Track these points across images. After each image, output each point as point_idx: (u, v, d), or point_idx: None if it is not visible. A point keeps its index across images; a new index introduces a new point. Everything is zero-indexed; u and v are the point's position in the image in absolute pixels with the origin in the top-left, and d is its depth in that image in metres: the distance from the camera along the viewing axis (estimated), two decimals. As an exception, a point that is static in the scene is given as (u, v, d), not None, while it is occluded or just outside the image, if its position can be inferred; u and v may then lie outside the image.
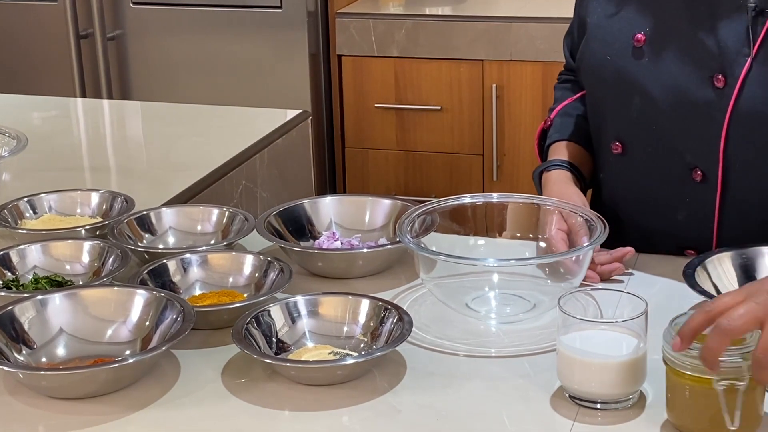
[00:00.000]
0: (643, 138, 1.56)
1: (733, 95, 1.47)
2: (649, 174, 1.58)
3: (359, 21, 3.26)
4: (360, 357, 1.27)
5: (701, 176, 1.52)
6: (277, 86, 3.29)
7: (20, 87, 3.30)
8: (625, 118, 1.57)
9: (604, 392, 1.19)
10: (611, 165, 1.63)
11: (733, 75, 1.47)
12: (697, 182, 1.53)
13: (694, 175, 1.52)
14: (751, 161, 1.49)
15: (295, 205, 1.65)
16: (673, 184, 1.55)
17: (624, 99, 1.56)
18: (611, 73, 1.57)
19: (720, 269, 1.41)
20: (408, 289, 1.50)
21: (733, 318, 1.10)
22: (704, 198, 1.53)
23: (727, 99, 1.47)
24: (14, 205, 1.70)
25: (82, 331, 1.35)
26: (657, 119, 1.53)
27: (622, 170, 1.61)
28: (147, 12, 3.37)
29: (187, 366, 1.31)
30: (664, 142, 1.54)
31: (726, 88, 1.47)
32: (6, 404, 1.25)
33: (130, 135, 2.39)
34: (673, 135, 1.53)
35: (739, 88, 1.46)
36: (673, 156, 1.54)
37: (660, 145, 1.55)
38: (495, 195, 1.55)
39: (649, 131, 1.55)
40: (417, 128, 3.30)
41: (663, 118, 1.53)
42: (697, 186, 1.53)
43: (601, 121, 1.63)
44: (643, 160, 1.58)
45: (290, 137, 2.29)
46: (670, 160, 1.54)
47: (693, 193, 1.54)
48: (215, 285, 1.48)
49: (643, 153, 1.57)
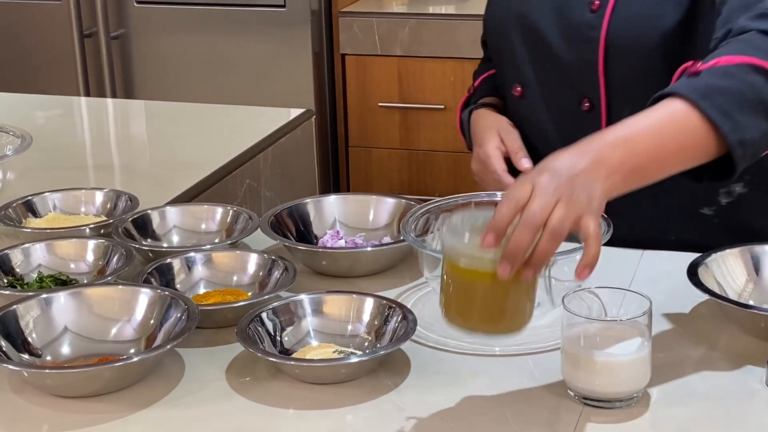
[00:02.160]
0: (540, 76, 1.64)
1: (606, 15, 1.55)
2: (547, 112, 1.65)
3: (363, 20, 3.26)
4: (364, 356, 1.27)
5: (589, 105, 1.60)
6: (281, 85, 3.30)
7: (24, 86, 3.30)
8: (524, 60, 1.66)
9: (609, 391, 1.19)
10: (514, 110, 1.71)
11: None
12: (586, 112, 1.60)
13: (583, 106, 1.60)
14: (630, 85, 1.57)
15: (299, 203, 1.65)
16: (567, 119, 1.63)
17: (522, 40, 1.65)
18: (511, 17, 1.67)
19: (724, 267, 1.41)
20: (412, 287, 1.50)
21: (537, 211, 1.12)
22: (593, 129, 1.56)
23: (601, 19, 1.55)
24: (18, 204, 1.71)
25: (86, 329, 1.35)
26: (550, 53, 1.62)
27: (523, 112, 1.70)
28: (151, 11, 3.37)
29: (191, 364, 1.31)
30: (557, 76, 1.62)
31: (600, 9, 1.56)
32: (11, 403, 1.25)
33: (134, 134, 2.39)
34: (563, 67, 1.61)
35: (611, 9, 1.55)
36: (565, 89, 1.62)
37: (554, 80, 1.63)
38: (499, 194, 1.55)
39: (545, 68, 1.63)
40: (420, 127, 3.30)
41: (554, 51, 1.61)
42: (586, 116, 1.60)
43: (505, 68, 1.72)
44: (540, 99, 1.66)
45: (294, 136, 2.29)
46: (564, 95, 1.62)
47: (584, 125, 1.58)
48: (219, 284, 1.48)
49: (541, 92, 1.65)
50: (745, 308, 1.32)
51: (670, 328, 1.36)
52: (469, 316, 1.15)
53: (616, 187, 1.21)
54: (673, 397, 1.22)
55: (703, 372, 1.27)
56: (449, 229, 1.15)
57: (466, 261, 1.13)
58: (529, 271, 1.13)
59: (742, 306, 1.33)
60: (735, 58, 1.30)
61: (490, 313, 1.15)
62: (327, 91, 3.37)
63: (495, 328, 1.16)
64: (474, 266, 1.13)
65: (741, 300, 1.38)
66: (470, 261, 1.13)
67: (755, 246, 1.44)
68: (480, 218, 1.16)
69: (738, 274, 1.42)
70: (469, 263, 1.13)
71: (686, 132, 1.25)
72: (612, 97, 1.59)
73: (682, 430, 1.17)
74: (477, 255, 1.12)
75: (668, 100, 1.27)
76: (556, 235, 1.13)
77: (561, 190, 1.14)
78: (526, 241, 1.11)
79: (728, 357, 1.30)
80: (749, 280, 1.41)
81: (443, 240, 1.15)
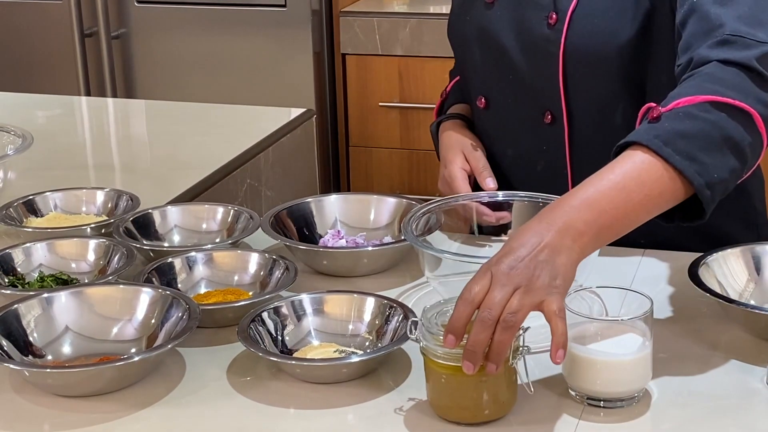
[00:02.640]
0: (503, 88, 1.65)
1: (563, 30, 1.56)
2: (510, 124, 1.66)
3: (363, 20, 3.26)
4: (365, 355, 1.27)
5: (551, 118, 1.60)
6: (282, 85, 3.30)
7: (25, 85, 3.30)
8: (487, 72, 1.67)
9: (610, 390, 1.19)
10: (479, 120, 1.72)
11: (563, 11, 1.56)
12: (548, 125, 1.61)
13: (545, 118, 1.61)
14: (590, 97, 1.58)
15: (300, 203, 1.65)
16: (530, 132, 1.64)
17: (484, 53, 1.66)
18: (472, 30, 1.67)
19: (725, 267, 1.41)
20: (413, 287, 1.50)
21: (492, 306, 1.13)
22: (556, 142, 1.62)
23: (559, 34, 1.56)
24: (19, 204, 1.71)
25: (87, 329, 1.35)
26: (511, 67, 1.62)
27: (487, 124, 1.71)
28: (151, 10, 3.37)
29: (192, 364, 1.31)
30: (519, 89, 1.63)
31: (557, 23, 1.56)
32: (12, 402, 1.25)
33: (135, 133, 2.39)
34: (524, 81, 1.62)
35: (567, 23, 1.55)
36: (527, 102, 1.63)
37: (517, 93, 1.64)
38: (500, 193, 1.55)
39: (507, 81, 1.64)
40: (421, 127, 3.29)
41: (515, 64, 1.62)
42: (549, 129, 1.61)
43: (469, 80, 1.73)
44: (503, 111, 1.67)
45: (295, 136, 2.29)
46: (526, 107, 1.63)
47: (546, 138, 1.62)
48: (220, 283, 1.48)
49: (504, 104, 1.66)
50: (746, 308, 1.32)
51: (671, 327, 1.36)
52: (451, 408, 1.18)
53: (586, 249, 1.20)
54: (673, 396, 1.22)
55: (703, 372, 1.27)
56: (424, 326, 1.18)
57: (441, 357, 1.16)
58: (491, 365, 1.13)
59: (743, 306, 1.32)
60: (695, 98, 1.28)
61: (474, 404, 1.17)
62: (328, 90, 3.37)
63: (480, 417, 1.18)
64: (449, 361, 1.15)
65: (742, 300, 1.38)
66: (445, 356, 1.15)
67: (756, 246, 1.44)
68: (449, 312, 1.18)
69: (739, 273, 1.42)
70: (444, 359, 1.16)
71: (651, 182, 1.23)
72: (573, 110, 1.59)
73: (682, 429, 1.17)
74: (452, 351, 1.15)
75: (630, 151, 1.25)
76: (509, 327, 1.13)
77: (519, 276, 1.14)
78: (483, 338, 1.12)
79: (729, 357, 1.30)
80: (750, 280, 1.41)
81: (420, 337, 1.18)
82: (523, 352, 1.16)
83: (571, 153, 1.61)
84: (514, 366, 1.16)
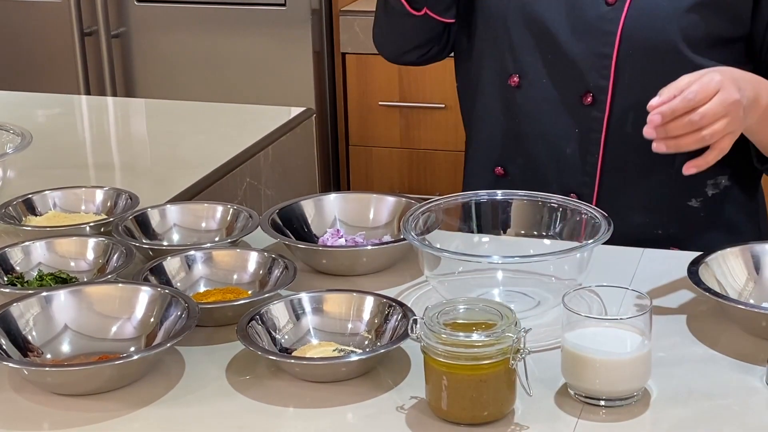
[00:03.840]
0: (541, 68, 1.65)
1: (623, 9, 1.56)
2: (545, 104, 1.66)
3: (363, 19, 3.26)
4: (364, 354, 1.27)
5: (591, 99, 1.61)
6: (281, 84, 3.30)
7: (24, 84, 3.30)
8: (524, 51, 1.66)
9: (609, 389, 1.19)
10: (508, 99, 1.70)
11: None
12: (589, 106, 1.61)
13: (585, 99, 1.61)
14: (638, 82, 1.59)
15: (300, 202, 1.65)
16: (565, 113, 1.64)
17: (522, 30, 1.65)
18: (513, 9, 1.65)
19: (725, 266, 1.41)
20: (412, 286, 1.50)
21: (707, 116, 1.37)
22: (592, 124, 1.62)
23: (618, 12, 1.56)
24: (19, 202, 1.71)
25: (86, 327, 1.35)
26: (554, 46, 1.62)
27: (518, 103, 1.69)
28: (151, 9, 3.37)
29: (191, 363, 1.31)
30: (559, 69, 1.63)
31: (618, 2, 1.57)
32: (10, 401, 1.25)
33: (135, 132, 2.39)
34: (568, 60, 1.61)
35: (629, 3, 1.56)
36: (567, 82, 1.63)
37: (555, 73, 1.63)
38: (499, 192, 1.55)
39: (546, 60, 1.64)
40: (421, 126, 3.30)
41: (560, 44, 1.61)
42: (588, 110, 1.62)
43: (500, 58, 1.69)
44: (539, 91, 1.66)
45: (294, 135, 2.29)
46: (564, 87, 1.63)
47: (582, 119, 1.62)
48: (220, 282, 1.48)
49: (540, 83, 1.65)
50: (745, 307, 1.32)
51: (670, 327, 1.36)
52: (451, 408, 1.17)
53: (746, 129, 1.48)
54: (673, 396, 1.22)
55: (703, 371, 1.27)
56: (425, 324, 1.18)
57: (442, 355, 1.16)
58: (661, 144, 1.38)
59: (742, 305, 1.32)
60: None
61: (473, 404, 1.16)
62: (327, 89, 3.37)
63: (479, 418, 1.17)
64: (450, 360, 1.15)
65: (741, 299, 1.38)
66: (446, 355, 1.15)
67: (756, 245, 1.44)
68: (452, 312, 1.19)
69: (738, 272, 1.42)
70: (446, 357, 1.15)
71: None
72: (618, 93, 1.59)
73: (682, 429, 1.17)
74: (453, 350, 1.15)
75: None
76: (701, 141, 1.38)
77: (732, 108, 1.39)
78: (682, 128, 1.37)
79: (728, 356, 1.30)
80: (750, 279, 1.41)
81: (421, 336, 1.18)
82: (524, 354, 1.16)
83: (607, 136, 1.61)
84: (514, 367, 1.16)
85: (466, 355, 1.14)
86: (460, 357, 1.14)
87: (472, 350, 1.14)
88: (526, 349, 1.17)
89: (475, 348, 1.14)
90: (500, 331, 1.15)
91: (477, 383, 1.15)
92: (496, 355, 1.15)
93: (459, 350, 1.14)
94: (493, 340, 1.14)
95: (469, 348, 1.14)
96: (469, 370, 1.15)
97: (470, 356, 1.14)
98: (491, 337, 1.14)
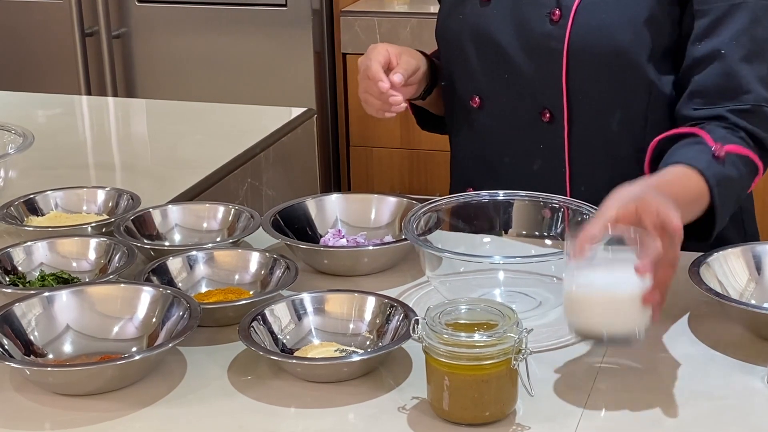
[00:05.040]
0: (498, 88, 1.65)
1: (567, 26, 1.56)
2: (506, 123, 1.66)
3: (364, 19, 3.26)
4: (366, 354, 1.27)
5: (549, 116, 1.61)
6: (282, 84, 3.30)
7: (26, 84, 3.30)
8: (481, 72, 1.66)
9: (609, 327, 1.20)
10: (471, 120, 1.70)
11: (567, 6, 1.57)
12: (547, 123, 1.61)
13: (543, 117, 1.61)
14: (591, 95, 1.59)
15: (301, 202, 1.65)
16: (527, 130, 1.64)
17: (478, 52, 1.66)
18: (466, 29, 1.66)
19: (726, 266, 1.41)
20: (414, 286, 1.50)
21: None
22: (554, 141, 1.63)
23: (563, 30, 1.57)
24: (20, 203, 1.71)
25: (88, 328, 1.35)
26: (508, 65, 1.63)
27: (482, 124, 1.69)
28: (152, 10, 3.37)
29: (193, 363, 1.31)
30: (516, 88, 1.63)
31: (561, 20, 1.57)
32: (12, 401, 1.25)
33: (136, 132, 2.39)
34: (523, 79, 1.62)
35: (572, 20, 1.56)
36: (524, 100, 1.63)
37: (513, 92, 1.64)
38: (500, 192, 1.55)
39: (503, 80, 1.64)
40: (422, 126, 3.29)
41: (513, 63, 1.62)
42: (547, 128, 1.62)
43: (459, 80, 1.70)
44: (499, 110, 1.66)
45: (295, 135, 2.29)
46: (523, 106, 1.63)
47: (544, 136, 1.63)
48: (221, 282, 1.48)
49: (499, 103, 1.66)
50: (746, 307, 1.32)
51: (671, 326, 1.37)
52: (452, 408, 1.18)
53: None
54: (673, 396, 1.22)
55: (704, 371, 1.27)
56: (428, 325, 1.18)
57: (443, 356, 1.16)
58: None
59: (743, 305, 1.33)
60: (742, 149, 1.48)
61: (475, 404, 1.17)
62: (328, 90, 3.37)
63: (481, 418, 1.18)
64: (452, 360, 1.15)
65: (743, 299, 1.38)
66: (448, 355, 1.15)
67: (757, 245, 1.44)
68: (454, 312, 1.19)
69: (740, 273, 1.42)
70: (447, 357, 1.16)
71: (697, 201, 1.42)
72: (574, 108, 1.59)
73: (682, 429, 1.17)
74: (455, 350, 1.15)
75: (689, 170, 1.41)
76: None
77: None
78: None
79: (730, 356, 1.30)
80: (751, 279, 1.42)
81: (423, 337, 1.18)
82: (526, 354, 1.17)
83: (570, 151, 1.61)
84: (515, 367, 1.17)
85: (467, 356, 1.15)
86: (462, 357, 1.14)
87: (473, 350, 1.14)
88: (528, 349, 1.17)
89: (477, 348, 1.14)
90: (502, 331, 1.15)
91: (479, 383, 1.15)
92: (497, 356, 1.15)
93: (461, 350, 1.14)
94: (494, 341, 1.15)
95: (471, 348, 1.15)
96: (470, 371, 1.15)
97: (472, 356, 1.15)
98: (493, 338, 1.15)
